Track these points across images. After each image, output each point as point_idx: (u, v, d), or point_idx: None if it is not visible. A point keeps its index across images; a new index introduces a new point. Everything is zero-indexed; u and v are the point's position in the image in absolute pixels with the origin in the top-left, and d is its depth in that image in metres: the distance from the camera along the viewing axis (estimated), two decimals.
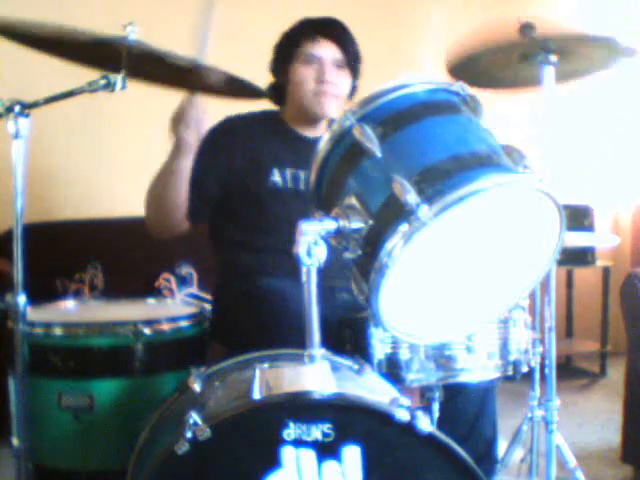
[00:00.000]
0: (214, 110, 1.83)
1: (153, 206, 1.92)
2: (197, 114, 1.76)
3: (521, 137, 2.04)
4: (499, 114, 1.92)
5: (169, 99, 1.76)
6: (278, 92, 2.05)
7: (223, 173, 1.98)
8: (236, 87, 1.66)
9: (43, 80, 2.18)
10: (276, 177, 1.98)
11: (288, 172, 1.99)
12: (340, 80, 1.97)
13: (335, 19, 2.03)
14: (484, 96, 1.44)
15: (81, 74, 1.52)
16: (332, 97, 1.96)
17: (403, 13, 3.97)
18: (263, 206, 1.97)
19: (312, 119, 2.02)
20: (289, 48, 1.99)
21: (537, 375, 1.94)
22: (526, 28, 1.71)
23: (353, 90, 2.05)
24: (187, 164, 1.83)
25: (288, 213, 1.92)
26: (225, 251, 2.07)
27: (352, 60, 2.00)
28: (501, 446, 1.97)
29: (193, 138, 1.79)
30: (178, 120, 1.77)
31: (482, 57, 1.82)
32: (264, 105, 2.06)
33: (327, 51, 1.96)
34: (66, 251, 3.16)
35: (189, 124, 1.76)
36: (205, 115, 1.79)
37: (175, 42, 1.51)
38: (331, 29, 1.99)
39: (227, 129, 2.02)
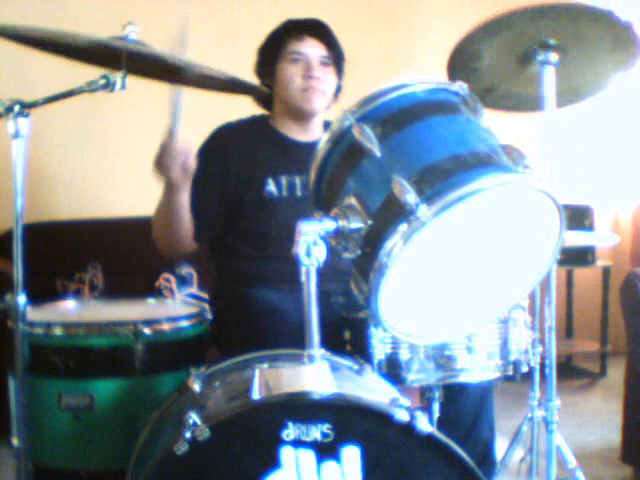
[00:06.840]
0: (211, 109, 1.82)
1: (159, 236, 1.95)
2: (178, 154, 1.73)
3: (521, 137, 2.04)
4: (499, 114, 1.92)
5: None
6: (265, 97, 2.04)
7: (220, 188, 1.97)
8: (230, 84, 1.66)
9: (42, 80, 2.18)
10: (271, 187, 1.97)
11: (283, 180, 1.97)
12: (326, 76, 1.98)
13: (319, 20, 2.04)
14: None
15: (81, 74, 1.52)
16: (319, 92, 1.96)
17: (403, 13, 3.97)
18: (259, 217, 1.96)
19: (300, 117, 2.01)
20: (275, 48, 1.99)
21: (537, 375, 1.94)
22: None
23: (338, 90, 2.05)
24: (182, 199, 1.83)
25: (284, 221, 1.93)
26: (222, 258, 2.06)
27: (337, 58, 2.00)
28: (501, 446, 1.97)
29: (180, 177, 1.77)
30: (160, 164, 1.75)
31: (483, 62, 1.80)
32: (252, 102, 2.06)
33: (313, 48, 1.97)
34: (66, 251, 3.16)
35: (172, 166, 1.74)
36: (189, 151, 1.75)
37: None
38: (316, 28, 2.00)
39: (218, 143, 2.01)
